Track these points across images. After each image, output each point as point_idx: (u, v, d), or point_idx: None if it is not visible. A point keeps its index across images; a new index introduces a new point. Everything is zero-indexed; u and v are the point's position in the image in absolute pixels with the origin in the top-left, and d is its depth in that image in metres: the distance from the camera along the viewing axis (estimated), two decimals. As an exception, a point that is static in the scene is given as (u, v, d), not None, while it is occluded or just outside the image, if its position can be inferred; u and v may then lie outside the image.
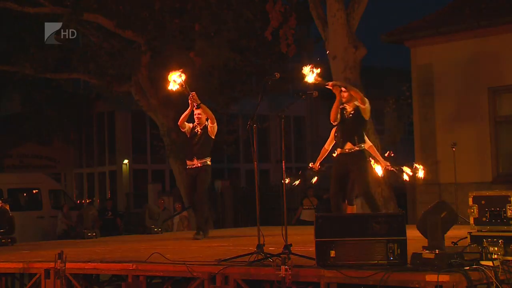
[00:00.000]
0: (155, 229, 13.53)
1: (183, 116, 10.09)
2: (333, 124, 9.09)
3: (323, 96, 9.29)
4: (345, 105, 8.85)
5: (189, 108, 10.06)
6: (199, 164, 10.04)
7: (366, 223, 5.75)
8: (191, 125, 10.22)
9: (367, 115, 8.85)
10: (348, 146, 8.74)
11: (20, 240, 12.99)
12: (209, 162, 10.10)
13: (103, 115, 28.88)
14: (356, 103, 8.81)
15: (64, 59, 19.49)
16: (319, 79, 8.30)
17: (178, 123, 10.24)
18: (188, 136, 10.21)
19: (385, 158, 9.08)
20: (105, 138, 29.10)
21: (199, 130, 10.11)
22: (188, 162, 10.22)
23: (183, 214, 18.65)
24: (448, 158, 13.60)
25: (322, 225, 5.82)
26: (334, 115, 8.85)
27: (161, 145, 20.57)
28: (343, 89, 8.79)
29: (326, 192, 20.75)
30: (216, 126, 10.12)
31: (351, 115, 8.81)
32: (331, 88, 8.84)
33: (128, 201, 28.08)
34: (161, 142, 20.38)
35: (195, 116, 10.09)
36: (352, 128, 8.77)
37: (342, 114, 8.86)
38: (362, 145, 8.78)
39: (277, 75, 7.23)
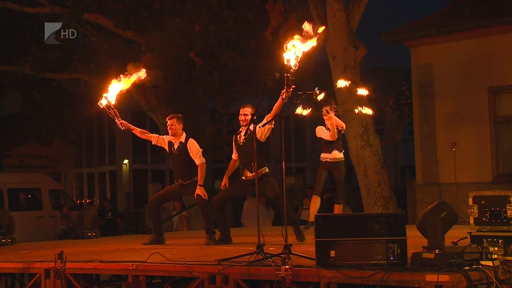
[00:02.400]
0: (155, 229, 13.48)
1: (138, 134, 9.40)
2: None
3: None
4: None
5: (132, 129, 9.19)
6: (187, 182, 9.16)
7: (366, 223, 5.75)
8: (165, 138, 9.31)
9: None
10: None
11: (20, 240, 12.99)
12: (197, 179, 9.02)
13: (103, 115, 28.86)
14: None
15: (64, 59, 19.47)
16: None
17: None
18: (167, 151, 9.27)
19: None
20: (105, 138, 29.11)
21: (175, 149, 9.16)
22: (175, 179, 9.32)
23: (183, 214, 18.64)
24: (448, 158, 13.61)
25: (322, 225, 5.81)
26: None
27: (161, 145, 20.55)
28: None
29: (327, 192, 20.78)
30: (202, 160, 9.09)
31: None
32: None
33: (128, 201, 28.09)
34: (161, 142, 20.35)
35: (168, 128, 9.23)
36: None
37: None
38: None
39: (277, 75, 7.20)
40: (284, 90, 7.18)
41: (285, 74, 6.91)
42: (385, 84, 26.22)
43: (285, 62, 6.74)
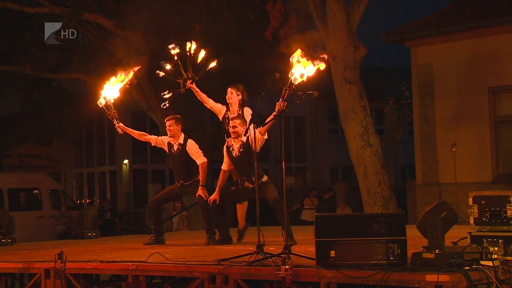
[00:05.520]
0: (155, 229, 13.47)
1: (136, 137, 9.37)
2: None
3: (323, 96, 9.27)
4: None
5: (133, 132, 9.21)
6: (188, 182, 9.18)
7: (366, 223, 5.75)
8: (165, 139, 9.24)
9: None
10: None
11: (20, 240, 12.99)
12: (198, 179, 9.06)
13: (103, 115, 28.83)
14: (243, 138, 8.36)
15: (64, 59, 19.46)
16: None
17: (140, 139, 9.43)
18: (167, 152, 9.22)
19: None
20: (105, 138, 29.10)
21: (175, 150, 9.12)
22: (176, 180, 9.32)
23: (183, 213, 18.65)
24: (448, 158, 13.61)
25: (322, 225, 5.81)
26: None
27: (161, 145, 20.53)
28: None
29: (327, 193, 20.78)
30: (203, 159, 9.09)
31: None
32: None
33: (128, 201, 28.09)
34: (161, 142, 20.32)
35: (166, 129, 9.19)
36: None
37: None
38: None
39: (277, 75, 7.19)
40: (278, 103, 7.14)
41: (284, 87, 6.89)
42: (385, 84, 26.27)
43: (289, 75, 6.72)
